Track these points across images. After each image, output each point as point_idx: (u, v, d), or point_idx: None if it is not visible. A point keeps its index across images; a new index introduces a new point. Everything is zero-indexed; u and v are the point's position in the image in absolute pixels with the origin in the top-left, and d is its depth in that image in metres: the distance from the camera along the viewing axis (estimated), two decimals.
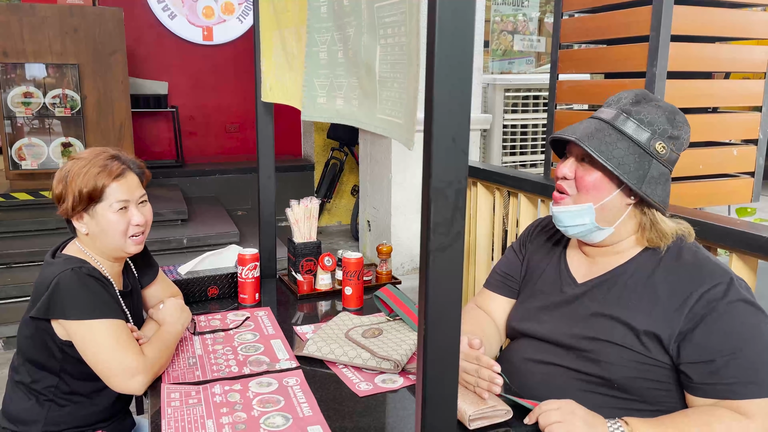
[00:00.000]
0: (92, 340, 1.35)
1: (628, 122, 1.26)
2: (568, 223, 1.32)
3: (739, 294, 1.19)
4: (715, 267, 1.23)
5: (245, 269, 1.84)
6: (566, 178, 1.31)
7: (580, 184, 1.29)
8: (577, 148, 1.30)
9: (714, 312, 1.18)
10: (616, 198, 1.28)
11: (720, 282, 1.20)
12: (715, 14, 2.24)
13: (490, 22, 5.67)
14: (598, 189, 1.28)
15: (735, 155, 2.43)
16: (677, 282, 1.23)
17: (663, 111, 1.27)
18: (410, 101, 1.01)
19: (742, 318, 1.17)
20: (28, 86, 4.16)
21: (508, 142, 4.45)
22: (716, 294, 1.19)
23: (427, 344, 0.80)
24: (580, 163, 1.30)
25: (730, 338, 1.16)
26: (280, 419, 1.23)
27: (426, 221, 0.78)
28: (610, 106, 1.31)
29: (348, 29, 1.32)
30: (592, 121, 1.31)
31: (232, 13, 5.79)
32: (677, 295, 1.22)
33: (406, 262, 3.89)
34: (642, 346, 1.23)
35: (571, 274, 1.40)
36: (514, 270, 1.54)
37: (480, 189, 2.67)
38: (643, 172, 1.24)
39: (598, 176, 1.27)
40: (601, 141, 1.25)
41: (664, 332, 1.21)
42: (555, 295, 1.40)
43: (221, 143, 6.03)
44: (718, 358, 1.16)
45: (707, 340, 1.17)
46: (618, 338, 1.25)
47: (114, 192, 1.43)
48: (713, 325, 1.17)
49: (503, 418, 1.21)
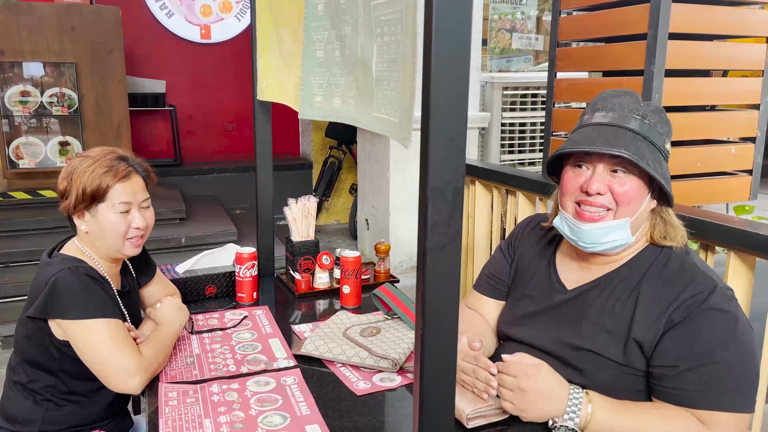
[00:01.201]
0: (90, 340, 1.35)
1: (645, 126, 1.21)
2: (601, 239, 1.23)
3: (718, 303, 1.14)
4: (700, 274, 1.19)
5: (243, 268, 1.84)
6: (601, 193, 1.21)
7: (620, 197, 1.20)
8: (606, 160, 1.21)
9: (689, 318, 1.15)
10: (646, 205, 1.24)
11: (702, 290, 1.16)
12: (713, 12, 2.24)
13: (488, 20, 5.67)
14: (636, 199, 1.21)
15: (733, 153, 2.44)
16: (661, 289, 1.20)
17: (660, 111, 1.26)
18: (406, 100, 1.01)
19: (715, 327, 1.13)
20: (25, 85, 4.15)
21: (507, 140, 4.46)
22: (695, 301, 1.15)
23: (425, 343, 0.80)
24: (611, 175, 1.22)
25: (699, 346, 1.13)
26: (278, 418, 1.23)
27: (424, 220, 0.78)
28: (613, 110, 1.24)
29: (345, 27, 1.32)
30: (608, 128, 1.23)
31: (230, 12, 5.78)
32: (660, 302, 1.19)
33: (404, 260, 3.89)
34: (624, 355, 1.21)
35: (561, 280, 1.36)
36: (502, 273, 1.50)
37: (478, 187, 2.67)
38: (666, 174, 1.22)
39: (635, 185, 1.21)
40: (637, 149, 1.18)
41: (646, 340, 1.18)
42: (544, 300, 1.37)
43: (219, 142, 6.02)
44: (684, 363, 1.13)
45: (677, 345, 1.15)
46: (601, 348, 1.23)
47: (117, 193, 1.43)
48: (685, 331, 1.14)
49: (501, 416, 1.21)
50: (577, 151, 1.23)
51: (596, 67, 2.47)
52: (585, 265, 1.34)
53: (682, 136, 2.29)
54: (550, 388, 1.16)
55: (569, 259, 1.38)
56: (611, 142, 1.18)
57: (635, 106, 1.24)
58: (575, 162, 1.26)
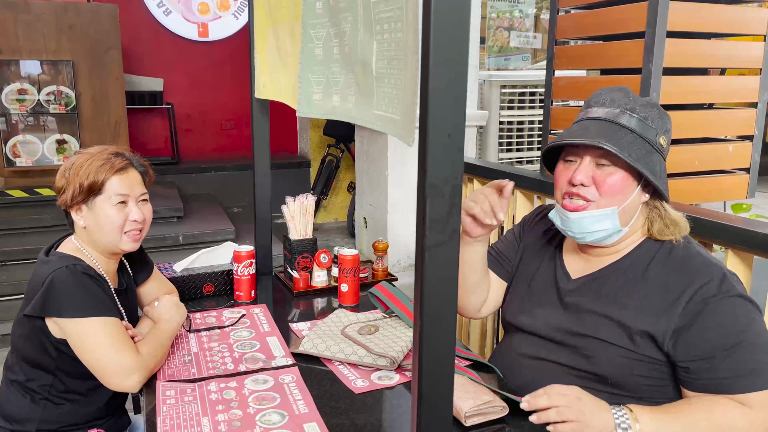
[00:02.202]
0: (87, 339, 1.35)
1: (633, 119, 1.25)
2: (589, 228, 1.27)
3: (731, 289, 1.19)
4: (706, 262, 1.23)
5: (241, 266, 1.84)
6: (584, 185, 1.26)
7: (604, 189, 1.25)
8: (591, 152, 1.26)
9: (708, 308, 1.18)
10: (636, 197, 1.27)
11: (712, 278, 1.20)
12: (710, 10, 2.24)
13: (486, 18, 5.67)
14: (622, 191, 1.25)
15: (731, 151, 2.44)
16: (669, 278, 1.24)
17: (653, 106, 1.28)
18: (408, 97, 1.01)
19: (736, 312, 1.17)
20: (22, 83, 4.13)
21: (505, 138, 4.45)
22: (709, 290, 1.19)
23: (422, 341, 0.80)
24: (597, 167, 1.26)
25: (725, 334, 1.16)
26: (276, 416, 1.23)
27: (422, 217, 0.78)
28: (605, 106, 1.29)
29: (344, 25, 1.31)
30: (596, 122, 1.28)
31: (227, 10, 5.77)
32: (669, 291, 1.22)
33: (402, 258, 3.89)
34: (632, 343, 1.23)
35: (566, 270, 1.40)
36: (510, 252, 1.55)
37: (476, 186, 2.67)
38: (654, 167, 1.24)
39: (621, 177, 1.24)
40: (620, 141, 1.22)
41: (657, 330, 1.21)
42: (550, 291, 1.40)
43: (217, 140, 6.01)
44: (717, 353, 1.16)
45: (703, 337, 1.17)
46: (608, 335, 1.26)
47: (114, 186, 1.44)
48: (709, 322, 1.17)
49: (499, 414, 1.21)
50: (560, 144, 1.29)
51: (594, 65, 2.47)
52: (586, 257, 1.38)
53: (680, 135, 2.29)
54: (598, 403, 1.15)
55: (573, 250, 1.42)
56: (594, 135, 1.23)
57: (625, 101, 1.28)
58: (565, 156, 1.32)
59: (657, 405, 1.22)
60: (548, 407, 1.12)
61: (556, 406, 1.11)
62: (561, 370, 1.32)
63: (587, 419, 1.10)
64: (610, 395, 1.25)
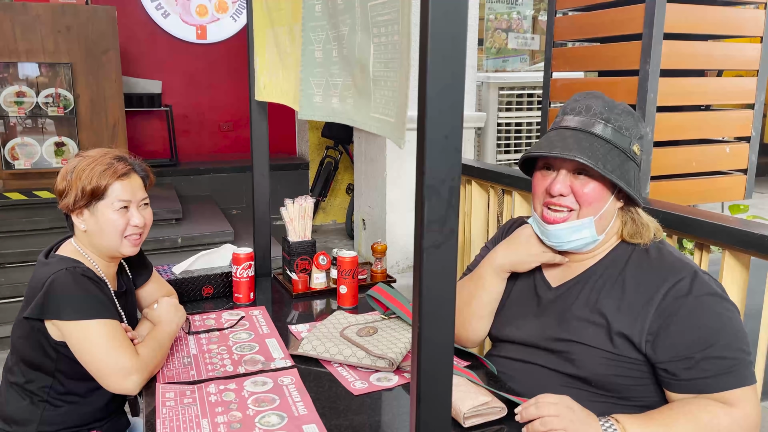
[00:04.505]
0: (87, 341, 1.35)
1: (608, 129, 1.27)
2: (567, 238, 1.30)
3: (704, 287, 1.20)
4: (678, 261, 1.25)
5: (240, 268, 1.84)
6: (563, 194, 1.29)
7: (582, 198, 1.27)
8: (567, 163, 1.28)
9: (683, 308, 1.19)
10: (611, 204, 1.29)
11: (683, 277, 1.21)
12: (707, 12, 2.25)
13: (484, 20, 5.67)
14: (598, 200, 1.27)
15: (728, 152, 2.45)
16: (643, 278, 1.25)
17: (627, 114, 1.29)
18: (401, 99, 1.01)
19: (711, 311, 1.18)
20: (20, 85, 4.12)
21: (503, 140, 4.46)
22: (681, 289, 1.20)
23: (421, 342, 0.80)
24: (575, 177, 1.28)
25: (702, 333, 1.17)
26: (275, 418, 1.23)
27: (420, 218, 0.78)
28: (581, 114, 1.30)
29: (342, 28, 1.32)
30: (572, 132, 1.29)
31: (225, 12, 5.77)
32: (643, 291, 1.23)
33: (401, 260, 3.89)
34: (612, 345, 1.24)
35: (545, 278, 1.41)
36: None
37: (474, 187, 2.67)
38: (628, 174, 1.26)
39: (596, 186, 1.27)
40: (595, 152, 1.24)
41: (633, 331, 1.22)
42: (530, 300, 1.41)
43: (215, 142, 6.01)
44: (695, 354, 1.16)
45: (680, 337, 1.18)
46: (589, 339, 1.27)
47: (116, 191, 1.44)
48: (684, 322, 1.18)
49: (498, 415, 1.21)
50: (538, 156, 1.31)
51: (592, 67, 2.48)
52: (565, 264, 1.39)
53: (677, 136, 2.29)
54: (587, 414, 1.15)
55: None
56: (570, 147, 1.25)
57: (601, 110, 1.29)
58: (543, 164, 1.34)
59: (644, 404, 1.24)
60: (537, 417, 1.12)
61: (543, 416, 1.12)
62: (548, 373, 1.33)
63: (575, 428, 1.10)
64: (596, 395, 1.26)
